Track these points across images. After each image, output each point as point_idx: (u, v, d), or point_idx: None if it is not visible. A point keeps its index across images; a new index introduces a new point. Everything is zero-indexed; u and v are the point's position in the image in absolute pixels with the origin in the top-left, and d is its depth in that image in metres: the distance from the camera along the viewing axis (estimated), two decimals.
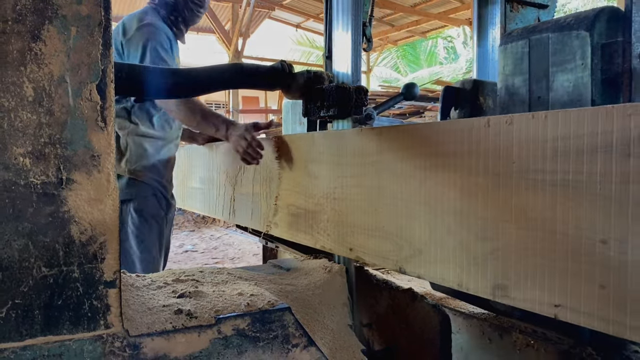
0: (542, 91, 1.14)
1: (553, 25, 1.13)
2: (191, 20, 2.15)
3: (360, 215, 1.22)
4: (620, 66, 1.02)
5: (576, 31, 1.07)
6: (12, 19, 0.81)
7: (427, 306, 1.21)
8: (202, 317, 1.01)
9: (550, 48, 1.13)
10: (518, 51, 1.20)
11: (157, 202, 2.04)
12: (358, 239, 1.23)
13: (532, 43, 1.17)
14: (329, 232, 1.34)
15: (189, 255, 5.95)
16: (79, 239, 0.87)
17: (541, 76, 1.15)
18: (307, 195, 1.44)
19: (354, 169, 1.25)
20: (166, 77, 1.37)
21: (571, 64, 1.07)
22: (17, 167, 0.82)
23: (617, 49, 1.03)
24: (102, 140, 0.88)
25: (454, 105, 1.47)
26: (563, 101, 1.09)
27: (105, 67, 0.87)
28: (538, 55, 1.16)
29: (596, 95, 1.05)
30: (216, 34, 11.22)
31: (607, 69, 1.05)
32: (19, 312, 0.83)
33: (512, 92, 1.22)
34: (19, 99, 0.82)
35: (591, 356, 1.10)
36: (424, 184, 1.03)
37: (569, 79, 1.08)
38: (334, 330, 1.23)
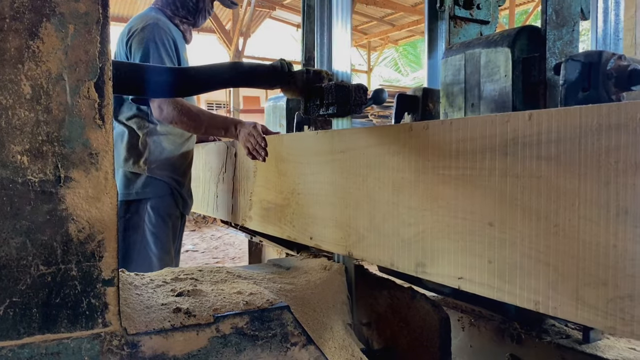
0: (474, 99, 1.28)
1: (483, 42, 1.28)
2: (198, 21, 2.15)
3: (318, 208, 1.37)
4: (537, 77, 1.18)
5: (501, 47, 1.21)
6: (9, 17, 0.80)
7: (426, 305, 1.21)
8: (201, 316, 1.01)
9: (481, 61, 1.28)
10: (456, 64, 1.35)
11: (173, 201, 2.06)
12: (317, 228, 1.38)
13: (467, 57, 1.32)
14: (294, 224, 1.49)
15: (190, 255, 5.95)
16: (77, 237, 0.87)
17: (474, 85, 1.30)
18: (277, 191, 1.59)
19: (312, 167, 1.40)
20: (165, 75, 1.37)
21: (497, 75, 1.21)
22: (14, 165, 0.82)
23: (535, 63, 1.18)
24: (100, 138, 0.88)
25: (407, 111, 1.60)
26: (491, 108, 1.22)
27: (103, 65, 0.87)
28: (471, 67, 1.31)
29: (517, 102, 1.19)
30: (217, 33, 11.22)
31: (526, 80, 1.19)
32: (17, 310, 0.83)
33: (451, 99, 1.37)
34: (16, 96, 0.82)
35: (516, 330, 1.26)
36: (366, 180, 1.18)
37: (495, 88, 1.21)
38: (333, 329, 1.23)
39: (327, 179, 1.33)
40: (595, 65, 1.04)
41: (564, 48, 1.20)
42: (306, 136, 1.49)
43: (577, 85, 1.04)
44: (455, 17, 1.59)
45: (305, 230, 1.43)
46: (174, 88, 1.42)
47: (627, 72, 1.03)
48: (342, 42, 1.43)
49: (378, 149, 1.14)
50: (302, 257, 1.62)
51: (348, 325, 1.31)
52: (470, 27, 1.62)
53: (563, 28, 1.20)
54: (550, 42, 1.18)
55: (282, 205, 1.56)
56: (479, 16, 1.62)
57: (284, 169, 1.55)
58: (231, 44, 11.00)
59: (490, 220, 0.87)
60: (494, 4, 1.67)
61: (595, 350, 1.11)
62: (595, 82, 1.03)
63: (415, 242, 1.03)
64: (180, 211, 2.11)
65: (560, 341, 1.18)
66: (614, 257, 0.70)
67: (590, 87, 1.04)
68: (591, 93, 1.04)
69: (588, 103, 0.93)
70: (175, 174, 2.06)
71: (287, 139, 1.60)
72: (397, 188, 1.08)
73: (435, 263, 0.99)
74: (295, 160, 1.49)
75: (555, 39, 1.19)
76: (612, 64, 1.04)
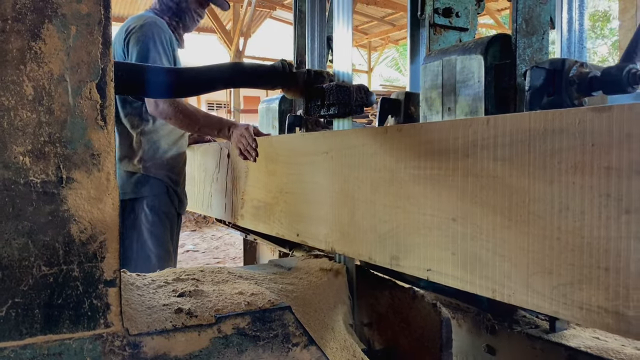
0: (451, 103, 1.34)
1: (459, 49, 1.34)
2: (190, 26, 2.18)
3: (304, 206, 1.44)
4: (507, 83, 1.24)
5: (474, 54, 1.27)
6: (11, 18, 0.81)
7: (427, 306, 1.21)
8: (202, 316, 1.01)
9: (456, 68, 1.33)
10: (434, 69, 1.41)
11: (169, 200, 2.07)
12: (303, 225, 1.44)
13: (444, 63, 1.38)
14: (282, 221, 1.56)
15: (191, 255, 5.95)
16: (79, 237, 0.87)
17: (450, 90, 1.36)
18: (267, 190, 1.67)
19: (299, 167, 1.47)
20: (167, 76, 1.37)
21: (471, 81, 1.27)
22: (17, 166, 0.82)
23: (506, 69, 1.24)
24: (102, 139, 0.88)
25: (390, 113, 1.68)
26: (466, 112, 1.28)
27: (105, 66, 0.87)
28: (448, 73, 1.37)
29: (490, 106, 1.25)
30: (217, 33, 11.22)
31: (498, 86, 1.25)
32: (19, 311, 0.83)
33: (430, 103, 1.43)
34: (18, 97, 0.82)
35: (490, 321, 1.32)
36: (347, 180, 1.24)
37: (469, 93, 1.27)
38: (334, 330, 1.23)
39: (312, 179, 1.40)
40: (559, 72, 1.09)
41: (534, 55, 1.26)
42: (293, 137, 1.58)
43: (542, 91, 1.09)
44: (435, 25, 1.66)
45: (292, 228, 1.50)
46: (174, 88, 1.42)
47: (588, 78, 1.08)
48: (342, 42, 1.44)
49: (357, 150, 1.21)
50: (304, 258, 1.62)
51: (349, 326, 1.31)
52: (449, 34, 1.70)
53: (533, 36, 1.27)
54: (520, 50, 1.24)
55: (271, 203, 1.62)
56: (457, 24, 1.71)
57: (273, 169, 1.62)
58: (232, 44, 11.00)
59: (453, 216, 0.93)
60: (472, 12, 1.74)
61: (560, 338, 1.17)
62: (559, 88, 1.09)
63: (390, 237, 1.10)
64: (176, 210, 2.12)
65: (529, 331, 1.24)
66: (557, 248, 0.76)
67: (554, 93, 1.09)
68: (555, 98, 1.09)
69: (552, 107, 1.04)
70: (171, 172, 2.07)
71: (276, 140, 1.66)
72: (374, 187, 1.14)
73: (407, 256, 1.06)
74: (283, 160, 1.56)
75: (525, 47, 1.25)
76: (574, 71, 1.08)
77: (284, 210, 1.54)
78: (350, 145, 1.24)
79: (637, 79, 1.04)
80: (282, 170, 1.56)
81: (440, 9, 1.66)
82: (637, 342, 1.13)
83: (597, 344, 1.13)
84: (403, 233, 1.06)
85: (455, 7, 1.69)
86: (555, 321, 1.21)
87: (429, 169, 0.99)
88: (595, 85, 1.08)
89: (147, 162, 1.99)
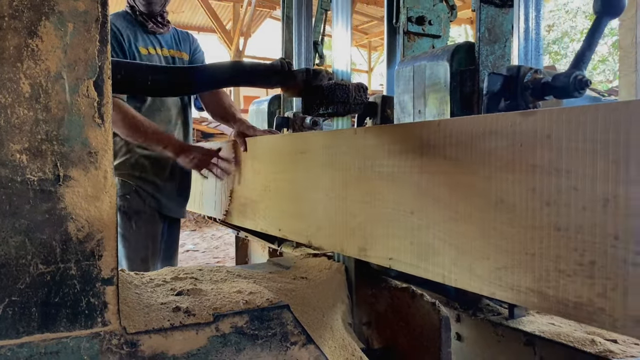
0: (421, 106, 1.43)
1: (428, 56, 1.43)
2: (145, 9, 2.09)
3: (285, 203, 1.53)
4: (471, 88, 1.32)
5: (441, 61, 1.36)
6: (8, 15, 0.80)
7: (426, 305, 1.20)
8: (200, 315, 1.01)
9: (426, 73, 1.42)
10: (406, 75, 1.50)
11: (139, 199, 2.02)
12: (284, 221, 1.53)
13: (415, 69, 1.47)
14: (266, 217, 1.65)
15: (191, 255, 5.95)
16: (76, 236, 0.87)
17: (420, 94, 1.45)
18: (252, 188, 1.76)
19: (280, 166, 1.56)
20: (166, 74, 1.37)
21: (438, 86, 1.35)
22: (13, 163, 0.82)
23: (469, 75, 1.33)
24: (99, 136, 0.88)
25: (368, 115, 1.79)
26: (434, 114, 1.37)
27: (102, 64, 0.87)
28: (418, 78, 1.45)
29: (455, 109, 1.33)
30: (217, 33, 11.22)
31: (462, 90, 1.33)
32: (16, 309, 0.83)
33: (402, 106, 1.52)
34: (15, 95, 0.81)
35: (457, 309, 1.40)
36: (322, 177, 1.32)
37: (437, 97, 1.36)
38: (333, 329, 1.22)
39: (291, 177, 1.49)
40: (515, 78, 1.17)
41: (497, 62, 1.34)
42: (275, 138, 1.69)
43: (499, 95, 1.17)
44: (408, 33, 1.77)
45: (275, 223, 1.59)
46: (174, 87, 1.42)
47: (541, 84, 1.15)
48: (342, 42, 1.43)
49: (331, 150, 1.30)
50: (302, 257, 1.62)
51: (348, 325, 1.30)
52: (423, 40, 1.81)
53: (495, 44, 1.36)
54: (483, 57, 1.33)
55: (256, 201, 1.72)
56: (430, 31, 1.81)
57: (258, 168, 1.72)
58: (232, 43, 11.00)
59: (411, 209, 1.02)
60: (445, 20, 1.85)
61: (518, 324, 1.26)
62: (515, 92, 1.16)
63: (359, 230, 1.18)
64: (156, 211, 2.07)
65: (491, 318, 1.32)
66: (494, 237, 0.85)
67: (511, 97, 1.16)
68: (511, 102, 1.16)
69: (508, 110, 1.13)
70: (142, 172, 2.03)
71: (260, 141, 1.76)
72: (345, 184, 1.23)
73: (373, 247, 1.14)
74: (267, 160, 1.66)
75: (487, 54, 1.34)
76: (528, 77, 1.16)
77: (268, 207, 1.63)
78: (325, 146, 1.32)
79: (583, 84, 1.11)
80: (266, 169, 1.64)
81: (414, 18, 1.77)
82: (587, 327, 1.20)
83: (550, 328, 1.21)
84: (370, 226, 1.14)
85: (428, 16, 1.80)
86: (513, 308, 1.28)
87: (391, 167, 1.07)
88: (547, 90, 1.15)
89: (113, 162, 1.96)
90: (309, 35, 2.10)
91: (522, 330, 1.23)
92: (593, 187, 0.71)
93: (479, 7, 1.35)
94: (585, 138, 0.71)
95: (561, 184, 0.74)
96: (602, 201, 0.69)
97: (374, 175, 1.12)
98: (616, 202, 0.68)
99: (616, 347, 1.09)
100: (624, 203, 0.67)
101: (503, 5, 1.35)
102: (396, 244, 1.06)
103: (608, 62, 18.31)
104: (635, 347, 1.11)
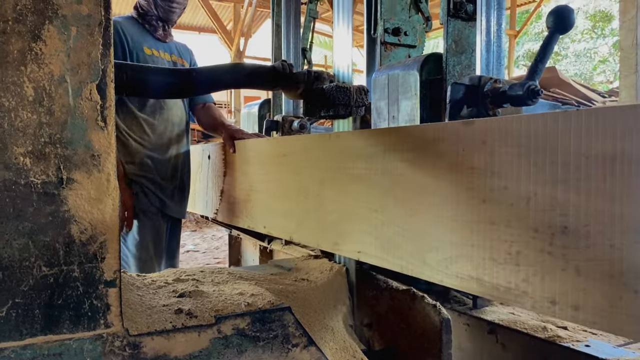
0: (395, 112, 1.52)
1: (401, 66, 1.53)
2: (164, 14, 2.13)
3: (269, 202, 1.64)
4: (439, 96, 1.41)
5: (412, 71, 1.45)
6: (12, 19, 0.81)
7: (427, 306, 1.21)
8: (202, 317, 1.01)
9: (399, 82, 1.51)
10: (382, 82, 1.59)
11: (146, 198, 2.04)
12: (269, 218, 1.64)
13: (389, 77, 1.55)
14: (252, 216, 1.76)
15: (191, 255, 5.95)
16: (79, 238, 0.87)
17: (394, 101, 1.54)
18: (240, 189, 1.87)
19: (265, 168, 1.67)
20: (167, 77, 1.37)
21: (409, 93, 1.45)
22: (17, 166, 0.82)
23: (438, 84, 1.42)
24: (102, 139, 0.88)
25: None
26: (406, 120, 1.47)
27: (105, 67, 0.87)
28: (392, 86, 1.54)
29: (425, 116, 1.42)
30: (218, 33, 11.23)
31: (431, 98, 1.43)
32: (19, 311, 0.84)
33: (379, 112, 1.61)
34: (19, 98, 0.82)
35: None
36: (301, 178, 1.42)
37: (408, 104, 1.46)
38: (334, 330, 1.23)
39: (275, 178, 1.60)
40: (476, 87, 1.25)
41: (463, 71, 1.42)
42: (262, 142, 1.79)
43: (461, 103, 1.25)
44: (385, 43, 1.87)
45: (260, 221, 1.71)
46: (175, 90, 1.42)
47: (499, 93, 1.23)
48: (343, 43, 1.44)
49: (309, 153, 1.39)
50: (304, 258, 1.63)
51: (349, 326, 1.31)
52: (399, 50, 1.92)
53: (462, 55, 1.44)
54: (450, 67, 1.42)
55: (244, 200, 1.83)
56: (406, 41, 1.93)
57: (246, 170, 1.83)
58: (232, 44, 11.00)
59: (376, 207, 1.12)
60: (420, 31, 1.97)
61: (481, 314, 1.35)
62: (476, 100, 1.24)
63: (333, 227, 1.28)
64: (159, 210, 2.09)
65: (457, 308, 1.41)
66: (441, 230, 0.95)
67: (472, 105, 1.24)
68: (473, 109, 1.25)
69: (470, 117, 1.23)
70: (148, 172, 2.05)
71: (248, 144, 1.86)
72: (322, 184, 1.33)
73: (345, 242, 1.24)
74: (254, 162, 1.77)
75: (454, 64, 1.42)
76: (488, 86, 1.24)
77: (254, 206, 1.74)
78: (304, 149, 1.42)
79: (535, 94, 1.19)
80: (253, 170, 1.76)
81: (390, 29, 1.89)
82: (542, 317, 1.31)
83: (509, 317, 1.31)
84: (342, 223, 1.24)
85: (403, 27, 1.92)
86: (477, 299, 1.38)
87: (359, 169, 1.17)
88: (504, 99, 1.23)
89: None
90: (297, 42, 2.20)
91: (485, 319, 1.32)
92: (518, 186, 0.80)
93: (447, 21, 1.44)
94: (512, 144, 0.81)
95: (494, 183, 0.84)
96: (525, 199, 0.79)
97: (346, 177, 1.22)
98: (536, 199, 0.78)
99: (564, 333, 1.19)
100: (541, 200, 0.77)
101: (469, 19, 1.44)
102: (364, 238, 1.16)
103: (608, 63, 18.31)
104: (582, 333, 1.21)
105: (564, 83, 6.61)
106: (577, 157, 0.72)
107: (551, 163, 0.75)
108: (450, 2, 1.42)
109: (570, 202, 0.73)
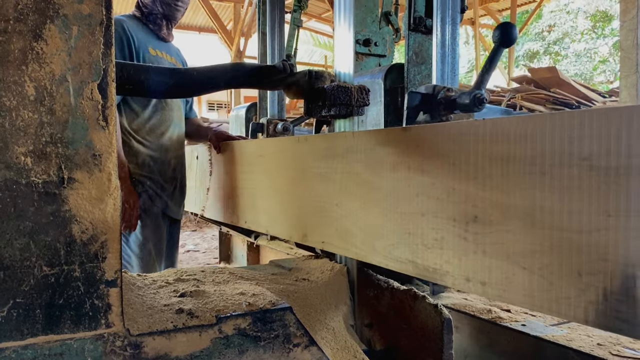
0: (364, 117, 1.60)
1: (369, 74, 1.65)
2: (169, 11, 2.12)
3: (250, 198, 1.78)
4: (400, 103, 1.55)
5: (377, 79, 1.58)
6: (13, 18, 0.81)
7: (428, 306, 1.20)
8: (203, 317, 1.01)
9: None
10: None
11: (148, 199, 2.05)
12: (249, 214, 1.79)
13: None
14: (235, 212, 1.89)
15: (191, 255, 5.95)
16: (80, 238, 0.87)
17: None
18: (224, 187, 2.01)
19: (246, 167, 1.81)
20: (166, 76, 1.37)
21: (375, 100, 1.56)
22: (18, 166, 0.82)
23: (400, 91, 1.56)
24: (103, 139, 0.88)
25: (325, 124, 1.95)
26: (373, 124, 1.59)
27: (106, 66, 0.87)
28: None
29: (389, 120, 1.54)
30: (218, 33, 11.22)
31: (394, 104, 1.56)
32: (20, 311, 0.83)
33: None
34: (20, 98, 0.82)
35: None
36: (276, 177, 1.57)
37: (375, 110, 1.57)
38: (335, 330, 1.23)
39: (254, 177, 1.73)
40: (430, 95, 1.36)
41: (423, 80, 1.55)
42: (242, 143, 1.91)
43: (418, 110, 1.37)
44: (357, 53, 1.96)
45: (241, 217, 1.84)
46: (175, 89, 1.42)
47: (451, 100, 1.34)
48: (344, 42, 1.43)
49: (282, 154, 1.53)
50: (304, 258, 1.62)
51: (350, 326, 1.31)
52: (370, 60, 2.06)
53: (422, 65, 1.57)
54: (411, 76, 1.55)
55: (228, 197, 1.97)
56: (376, 51, 2.06)
57: (229, 169, 1.96)
58: (232, 44, 10.99)
59: (336, 202, 1.24)
60: (390, 42, 2.09)
61: (437, 299, 1.45)
62: (430, 107, 1.36)
63: (302, 220, 1.41)
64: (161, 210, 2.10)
65: None
66: (387, 221, 1.07)
67: (428, 111, 1.36)
68: (428, 116, 1.37)
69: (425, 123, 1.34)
70: (149, 172, 2.05)
71: (232, 145, 1.97)
72: (293, 183, 1.45)
73: (311, 233, 1.36)
74: (236, 162, 1.90)
75: (415, 74, 1.55)
76: (442, 94, 1.35)
77: (237, 202, 1.88)
78: (278, 150, 1.56)
79: (480, 102, 1.30)
80: (236, 169, 1.89)
81: (361, 40, 2.00)
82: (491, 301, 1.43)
83: (461, 302, 1.43)
84: (309, 216, 1.37)
85: (373, 38, 2.05)
86: (434, 286, 1.52)
87: (322, 168, 1.29)
88: (455, 106, 1.34)
89: None
90: (282, 49, 2.29)
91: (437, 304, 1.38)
92: (442, 182, 0.93)
93: (408, 35, 1.57)
94: (438, 147, 0.95)
95: (425, 180, 0.97)
96: (447, 193, 0.92)
97: (311, 176, 1.35)
98: (455, 193, 0.91)
99: (506, 315, 1.32)
100: (459, 194, 0.90)
101: (429, 32, 1.56)
102: (327, 230, 1.28)
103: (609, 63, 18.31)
104: (522, 315, 1.34)
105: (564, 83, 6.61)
106: (483, 158, 0.85)
107: (466, 163, 0.88)
108: (411, 17, 1.56)
109: (479, 196, 0.86)
